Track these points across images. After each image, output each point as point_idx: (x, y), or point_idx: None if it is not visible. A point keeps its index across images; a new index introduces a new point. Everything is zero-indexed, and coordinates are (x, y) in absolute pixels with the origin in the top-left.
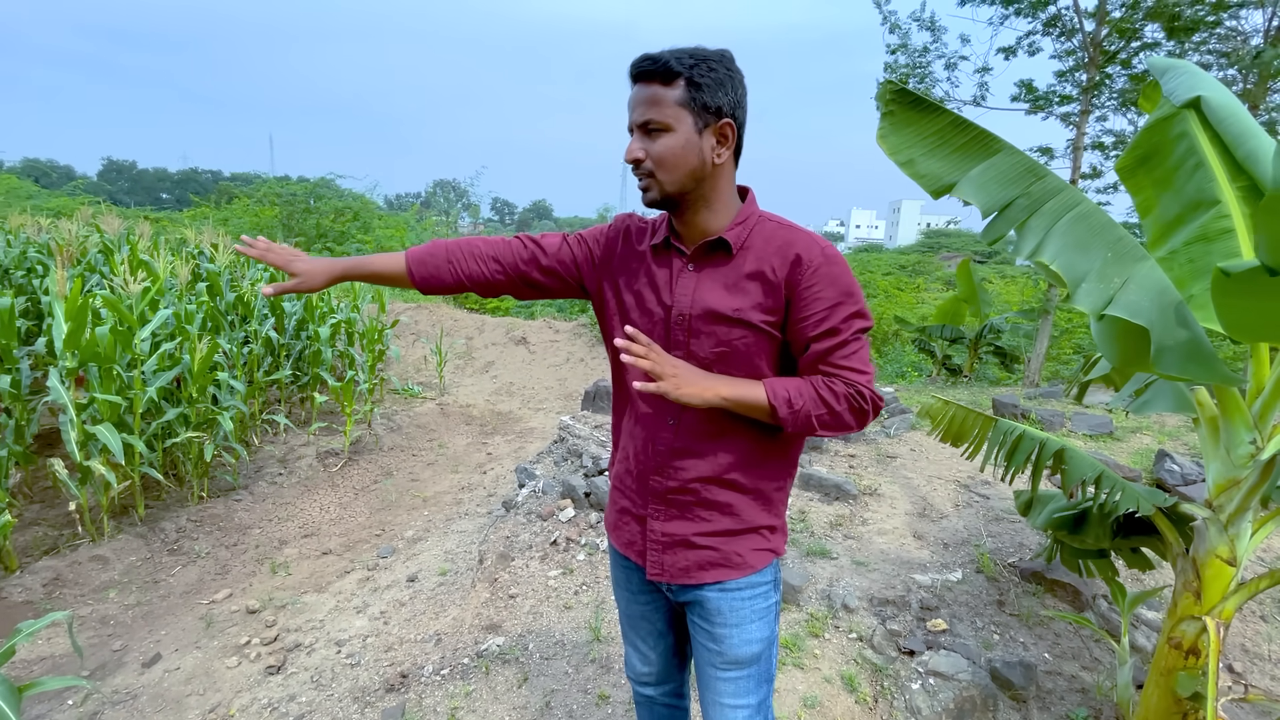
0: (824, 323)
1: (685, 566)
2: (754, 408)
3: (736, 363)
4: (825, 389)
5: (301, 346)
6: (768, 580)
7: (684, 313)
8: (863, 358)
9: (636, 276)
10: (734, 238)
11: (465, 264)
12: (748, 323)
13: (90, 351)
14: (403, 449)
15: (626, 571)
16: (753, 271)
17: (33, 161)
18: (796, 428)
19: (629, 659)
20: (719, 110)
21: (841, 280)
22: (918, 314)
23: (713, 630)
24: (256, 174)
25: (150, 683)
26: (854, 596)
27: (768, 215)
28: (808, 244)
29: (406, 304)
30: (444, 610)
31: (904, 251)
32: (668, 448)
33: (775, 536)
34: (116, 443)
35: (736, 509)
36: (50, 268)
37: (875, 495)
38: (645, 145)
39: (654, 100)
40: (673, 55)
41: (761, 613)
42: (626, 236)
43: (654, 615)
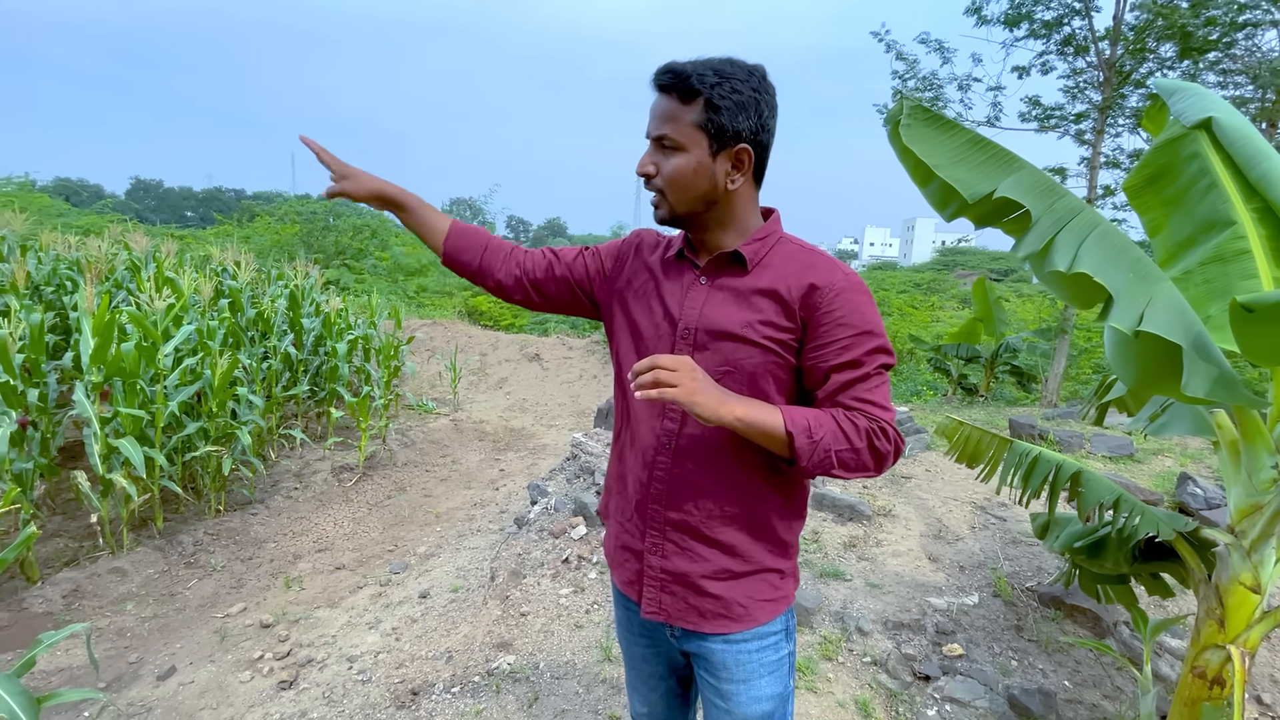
0: (846, 352)
1: (684, 611)
2: (768, 434)
3: (739, 382)
4: (847, 422)
5: (319, 362)
6: (778, 630)
7: (690, 326)
8: (884, 394)
9: (646, 289)
10: (750, 252)
11: (490, 260)
12: (755, 341)
13: (116, 366)
14: (416, 464)
15: (627, 612)
16: (766, 288)
17: (64, 181)
18: (812, 462)
19: (631, 701)
20: (737, 134)
21: (866, 310)
22: (933, 332)
23: (719, 686)
24: (278, 192)
25: (165, 696)
26: (868, 619)
27: (790, 237)
28: (829, 269)
29: (422, 320)
30: (455, 627)
31: (918, 269)
32: (666, 473)
33: (785, 583)
34: (138, 456)
35: (740, 549)
36: (79, 284)
37: (889, 516)
38: (658, 160)
39: (670, 116)
40: (696, 70)
41: (772, 666)
42: (639, 250)
43: (654, 659)
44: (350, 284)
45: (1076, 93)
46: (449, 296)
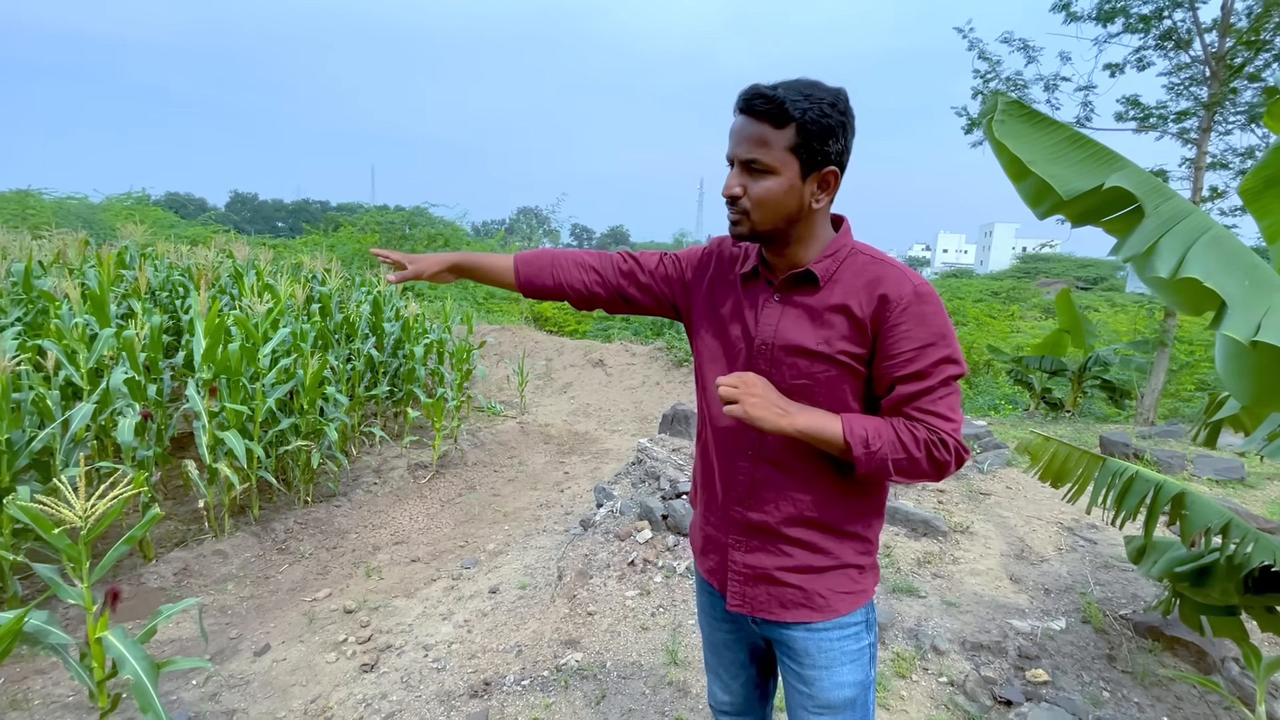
0: (911, 364)
1: (766, 602)
2: (829, 442)
3: (819, 395)
4: (906, 432)
5: (397, 364)
6: (858, 621)
7: (766, 342)
8: (950, 405)
9: (724, 302)
10: (821, 270)
11: (566, 271)
12: (829, 357)
13: (223, 365)
14: (485, 464)
15: (710, 598)
16: (838, 305)
17: (174, 195)
18: (870, 469)
19: (710, 687)
20: (826, 157)
21: (933, 321)
22: (1012, 343)
23: (801, 671)
24: (359, 203)
25: (260, 670)
26: (944, 638)
27: (861, 247)
28: (898, 280)
29: (491, 326)
30: (524, 623)
31: (996, 277)
32: (747, 478)
33: (864, 577)
34: (240, 448)
35: (820, 545)
36: (189, 289)
37: (967, 533)
38: (745, 182)
39: (762, 140)
40: (789, 95)
41: (853, 655)
42: (720, 260)
43: (736, 645)
44: (424, 289)
45: (1180, 89)
46: (515, 302)
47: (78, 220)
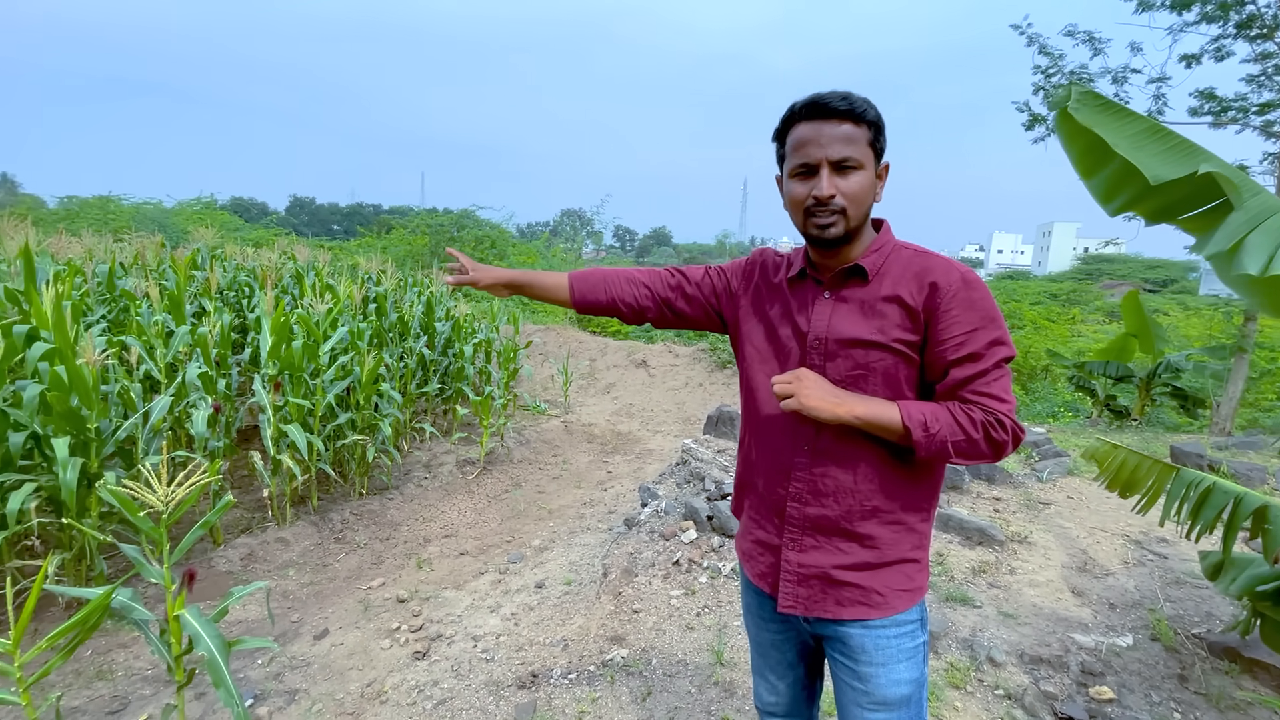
0: (963, 347)
1: (821, 601)
2: (887, 429)
3: (874, 384)
4: (963, 415)
5: (447, 363)
6: (914, 619)
7: (820, 337)
8: (1004, 386)
9: (771, 306)
10: (870, 263)
11: (618, 287)
12: (884, 345)
13: (287, 361)
14: (530, 462)
15: (758, 598)
16: (890, 295)
17: (238, 199)
18: (930, 453)
19: (756, 688)
20: (883, 151)
21: (981, 305)
22: (1073, 348)
23: (856, 669)
24: (409, 207)
25: (320, 653)
26: (1000, 650)
27: (904, 243)
28: (945, 269)
29: (536, 326)
30: (569, 618)
31: (1055, 279)
32: (806, 472)
33: (920, 574)
34: (303, 440)
35: (878, 541)
36: (254, 289)
37: (1025, 543)
38: (838, 183)
39: (850, 139)
40: (856, 98)
41: (909, 653)
42: (764, 270)
43: (784, 645)
44: (472, 291)
45: (1263, 80)
46: None
47: (153, 224)
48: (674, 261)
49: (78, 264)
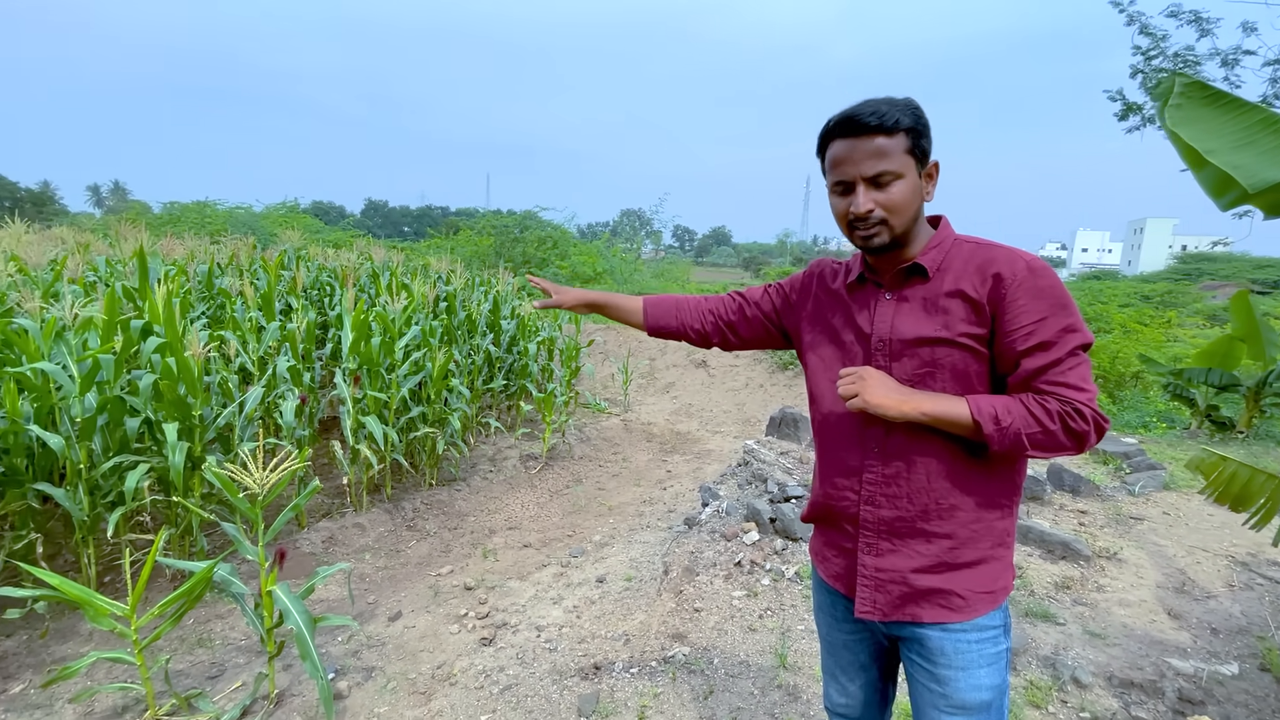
0: (1033, 336)
1: (900, 605)
2: (956, 424)
3: (943, 382)
4: (1037, 406)
5: (512, 360)
6: (997, 625)
7: (884, 338)
8: (1081, 374)
9: (832, 313)
10: (929, 261)
11: (687, 314)
12: (950, 341)
13: (366, 357)
14: (590, 459)
15: (831, 597)
16: (953, 290)
17: (318, 203)
18: (1004, 446)
19: (827, 688)
20: (928, 153)
21: (1050, 292)
22: (1168, 354)
23: (935, 671)
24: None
25: (394, 634)
26: (1086, 670)
27: (964, 237)
28: (1009, 259)
29: (597, 325)
30: (630, 613)
31: (1148, 279)
32: (877, 474)
33: (1003, 575)
34: (379, 432)
35: (956, 540)
36: (334, 288)
37: (1114, 560)
38: (875, 196)
39: (881, 152)
40: (889, 108)
41: (991, 658)
42: (821, 279)
43: (857, 646)
44: (534, 290)
45: None
46: None
47: (244, 227)
48: (732, 261)
49: (182, 264)
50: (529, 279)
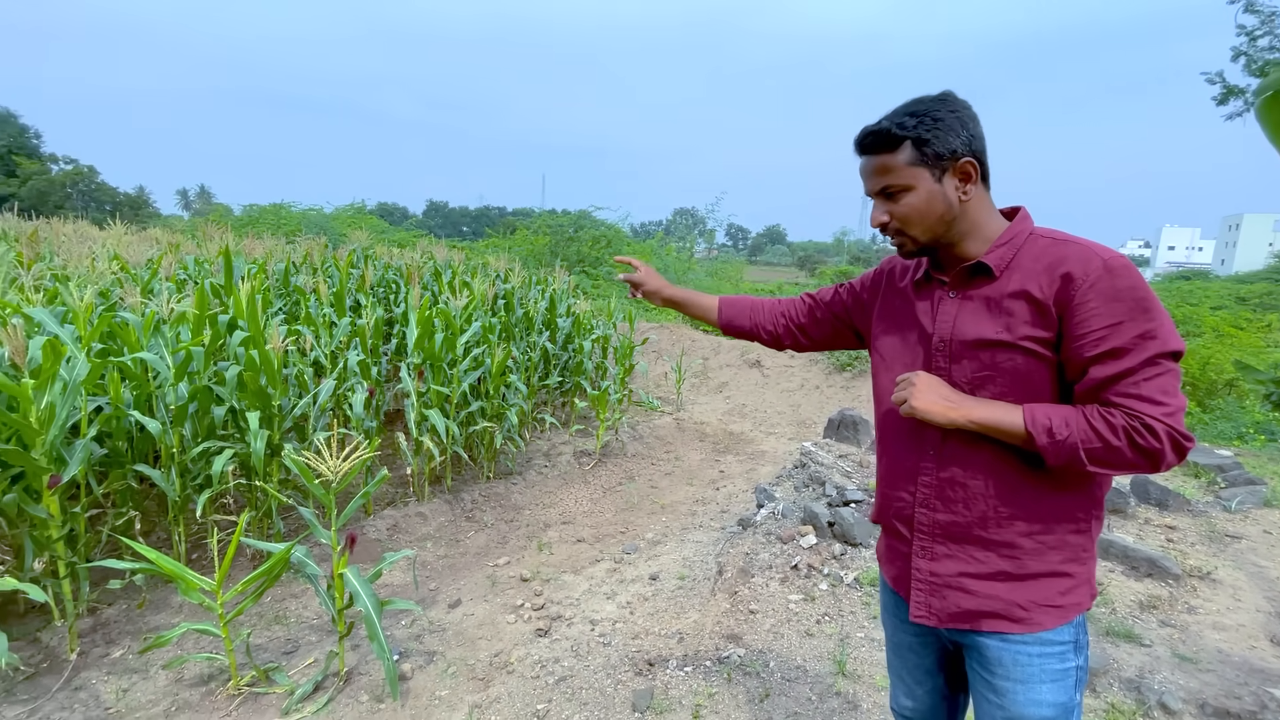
0: (1104, 342)
1: (955, 613)
2: (1008, 433)
3: (1004, 386)
4: (1100, 419)
5: (567, 357)
6: (1065, 640)
7: (944, 338)
8: (1159, 386)
9: (898, 312)
10: (995, 260)
11: (760, 314)
12: (1011, 344)
13: (430, 352)
14: (643, 457)
15: (895, 599)
16: (1017, 291)
17: (383, 204)
18: (1059, 460)
19: (894, 690)
20: (954, 153)
21: (1129, 294)
22: (1267, 360)
23: (992, 681)
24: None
25: (454, 621)
26: (1176, 696)
27: (1042, 231)
28: (1083, 257)
29: (650, 324)
30: (684, 612)
31: (1245, 279)
32: (932, 476)
33: (1075, 591)
34: (442, 425)
35: (1019, 551)
36: (399, 286)
37: (1208, 580)
38: (888, 208)
39: (884, 168)
40: (892, 122)
41: (1056, 675)
42: (890, 277)
43: (922, 649)
44: (588, 289)
45: None
46: None
47: (316, 227)
48: (787, 260)
49: (262, 263)
50: (616, 259)
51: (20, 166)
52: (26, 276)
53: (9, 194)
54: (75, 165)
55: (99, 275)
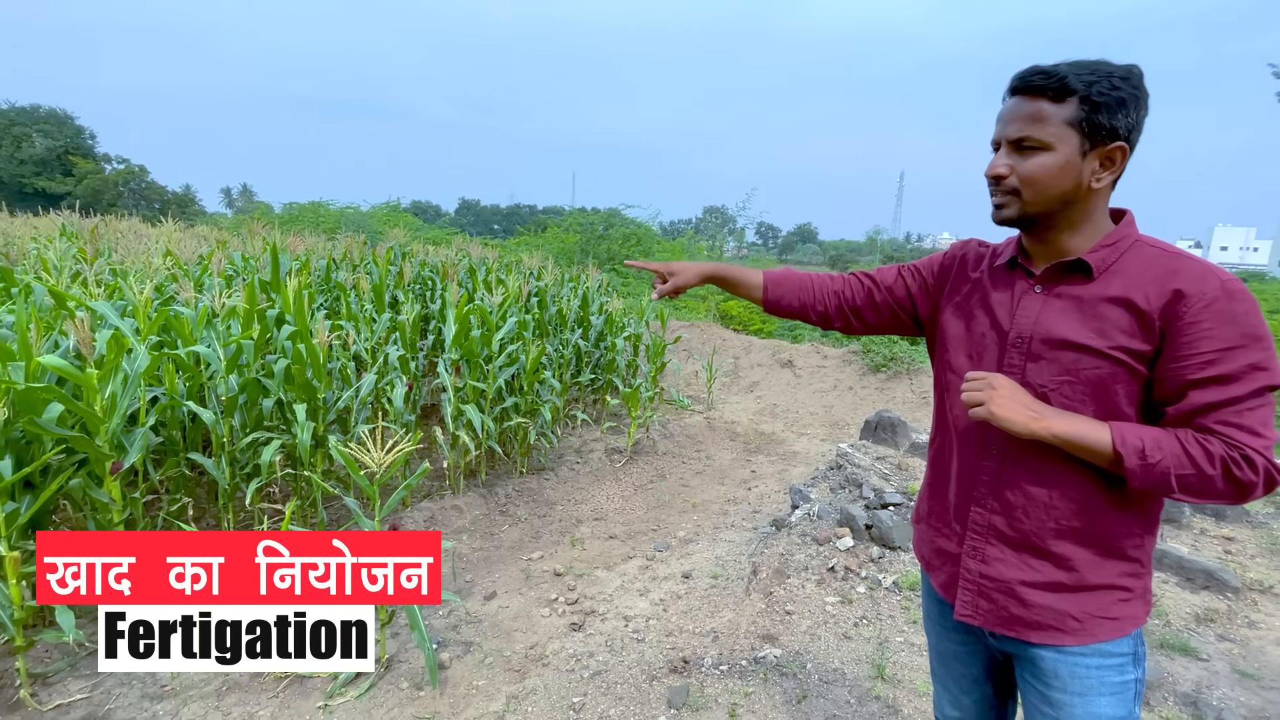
0: (1212, 366)
1: (1005, 617)
2: (1094, 452)
3: (1083, 395)
4: (1196, 446)
5: (599, 355)
6: (1125, 652)
7: (1023, 335)
8: (1262, 418)
9: (969, 300)
10: (1097, 259)
11: (810, 292)
12: (1101, 352)
13: (467, 348)
14: (674, 455)
15: (939, 605)
16: (1117, 296)
17: (418, 203)
18: (1147, 484)
19: (938, 699)
20: (1114, 132)
21: (1245, 321)
22: None
23: (1049, 694)
24: (561, 207)
25: (489, 613)
26: (1235, 713)
27: (1149, 240)
28: (1199, 274)
29: (682, 323)
30: (718, 611)
31: None
32: (992, 477)
33: (1132, 604)
34: (478, 420)
35: (1075, 563)
36: (434, 283)
37: (1269, 594)
38: (1012, 161)
39: (1036, 116)
40: (1071, 69)
41: (1116, 688)
42: (962, 263)
43: (968, 658)
44: (619, 287)
45: None
46: (702, 300)
47: (354, 225)
48: (818, 259)
49: (306, 260)
50: (628, 264)
51: (76, 166)
52: (89, 271)
53: (66, 192)
54: (127, 165)
55: (154, 271)
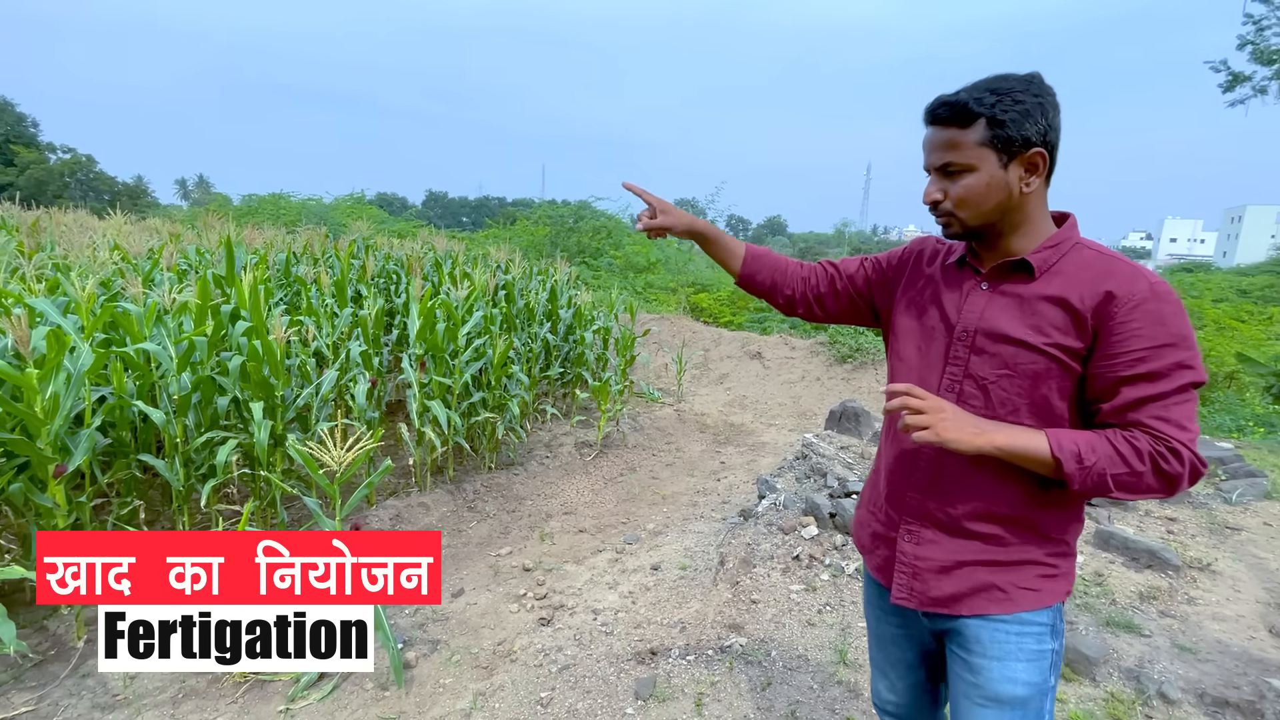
0: (1141, 364)
1: (938, 596)
2: (1034, 460)
3: (1018, 388)
4: (1125, 444)
5: (568, 349)
6: (1043, 622)
7: (969, 329)
8: (1186, 413)
9: (922, 295)
10: (1039, 260)
11: (782, 274)
12: (1037, 348)
13: (432, 343)
14: (644, 448)
15: (878, 589)
16: (1055, 296)
17: (383, 195)
18: (1085, 487)
19: (875, 685)
20: (1027, 141)
21: (1172, 321)
22: (1269, 352)
23: (969, 660)
24: (530, 199)
25: (457, 610)
26: (1175, 685)
27: (1087, 243)
28: (1130, 276)
29: (651, 315)
30: (686, 601)
31: (1246, 272)
32: (931, 463)
33: (1055, 580)
34: (444, 415)
35: (1006, 541)
36: (400, 276)
37: (1208, 572)
38: (944, 186)
39: (951, 143)
40: (971, 96)
41: (1032, 655)
42: (919, 259)
43: (904, 643)
44: (588, 279)
45: None
46: (672, 293)
47: (316, 218)
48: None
49: (263, 254)
50: (625, 185)
51: (18, 155)
52: (28, 266)
53: (7, 183)
54: (73, 154)
55: (100, 265)
